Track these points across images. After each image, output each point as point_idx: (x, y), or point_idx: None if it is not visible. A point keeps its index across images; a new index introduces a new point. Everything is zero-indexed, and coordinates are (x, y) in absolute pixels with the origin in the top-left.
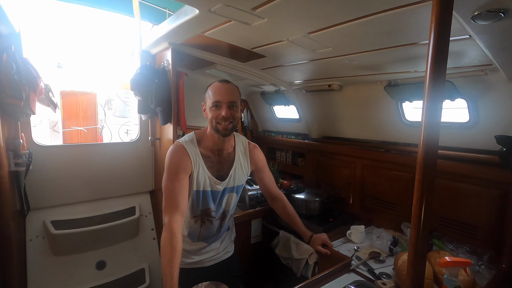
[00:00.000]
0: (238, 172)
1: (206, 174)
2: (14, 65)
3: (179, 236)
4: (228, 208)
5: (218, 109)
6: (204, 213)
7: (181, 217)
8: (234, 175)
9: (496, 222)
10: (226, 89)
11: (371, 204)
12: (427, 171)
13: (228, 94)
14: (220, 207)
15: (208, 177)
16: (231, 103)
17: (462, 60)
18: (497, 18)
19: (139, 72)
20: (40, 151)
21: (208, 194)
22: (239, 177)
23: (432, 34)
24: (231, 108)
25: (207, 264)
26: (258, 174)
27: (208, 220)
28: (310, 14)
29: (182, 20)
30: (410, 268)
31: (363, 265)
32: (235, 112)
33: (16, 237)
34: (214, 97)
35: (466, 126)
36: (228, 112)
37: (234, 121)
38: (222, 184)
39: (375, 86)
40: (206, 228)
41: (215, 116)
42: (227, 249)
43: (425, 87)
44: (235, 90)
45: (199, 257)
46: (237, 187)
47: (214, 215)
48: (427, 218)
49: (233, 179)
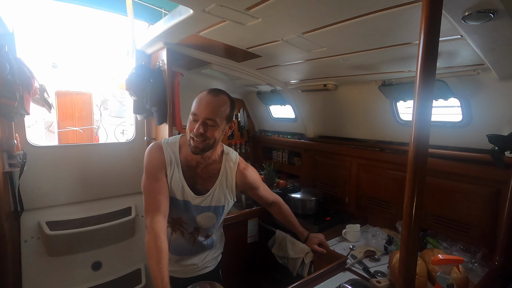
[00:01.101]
0: (218, 192)
1: (181, 182)
2: (8, 65)
3: (163, 237)
4: (203, 226)
5: (194, 123)
6: (175, 222)
7: (163, 218)
8: (213, 193)
9: (489, 220)
10: (208, 102)
11: (366, 203)
12: (417, 170)
13: (207, 109)
14: (193, 221)
15: (183, 186)
16: (208, 120)
17: (455, 60)
18: (487, 18)
19: (134, 72)
20: (35, 152)
21: (179, 203)
22: (219, 198)
23: (422, 34)
24: (204, 126)
25: (179, 276)
26: (253, 192)
27: (179, 229)
28: (304, 14)
29: (176, 20)
30: (401, 265)
31: (358, 263)
32: (212, 131)
33: (11, 238)
34: (194, 108)
35: (459, 125)
36: (201, 129)
37: (208, 140)
38: (196, 199)
39: (370, 86)
40: (176, 239)
41: (190, 129)
42: (206, 264)
43: (416, 86)
44: (220, 105)
45: (172, 267)
46: (216, 207)
47: (186, 227)
48: (417, 216)
49: (211, 198)
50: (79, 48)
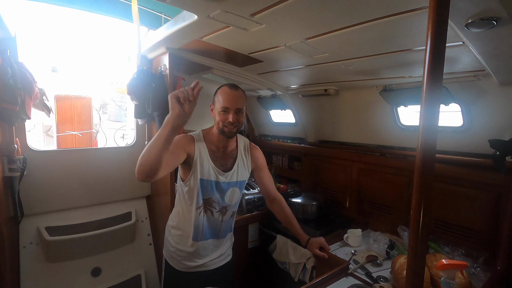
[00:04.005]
0: (240, 168)
1: (210, 165)
2: (10, 69)
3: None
4: (230, 203)
5: (225, 114)
6: (206, 203)
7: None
8: (237, 169)
9: (490, 224)
10: (235, 96)
11: (367, 207)
12: (425, 175)
13: (236, 101)
14: (222, 199)
15: (212, 168)
16: (238, 110)
17: (456, 66)
18: (489, 26)
19: (136, 76)
20: (35, 156)
21: (212, 183)
22: (241, 173)
23: (429, 41)
24: (237, 114)
25: (211, 267)
26: (258, 173)
27: (210, 210)
28: (308, 21)
29: (180, 25)
30: (409, 271)
31: (360, 268)
32: (241, 117)
33: (10, 244)
34: (223, 102)
35: (460, 130)
36: (235, 118)
37: (239, 125)
38: (226, 176)
39: (371, 91)
40: (208, 220)
41: (222, 120)
42: (227, 251)
43: (423, 92)
44: (242, 96)
45: (203, 260)
46: (240, 182)
47: (216, 206)
48: (425, 221)
49: (236, 174)
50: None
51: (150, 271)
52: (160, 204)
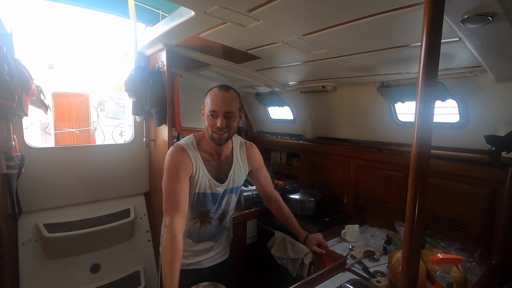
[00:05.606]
0: (237, 173)
1: (206, 177)
2: (6, 66)
3: (180, 238)
4: (228, 208)
5: (214, 119)
6: (203, 215)
7: (182, 218)
8: (233, 176)
9: (486, 219)
10: (224, 98)
11: (365, 203)
12: (420, 170)
13: (225, 104)
14: (219, 208)
15: (208, 180)
16: (227, 114)
17: (453, 61)
18: (485, 21)
19: (134, 73)
20: (33, 154)
21: (208, 196)
22: (238, 179)
23: (424, 36)
24: (227, 118)
25: (206, 265)
26: (255, 173)
27: (207, 221)
28: (306, 17)
29: (177, 21)
30: (405, 264)
31: (358, 263)
32: (232, 122)
33: (8, 241)
34: (211, 105)
35: (457, 126)
36: (224, 122)
37: (230, 131)
38: (222, 187)
39: (368, 87)
40: (205, 228)
41: (211, 125)
42: (224, 250)
43: (418, 88)
44: (233, 98)
45: (198, 258)
46: (236, 188)
47: (213, 216)
48: (420, 215)
49: (232, 181)
50: (76, 49)
51: (149, 267)
52: (159, 200)
